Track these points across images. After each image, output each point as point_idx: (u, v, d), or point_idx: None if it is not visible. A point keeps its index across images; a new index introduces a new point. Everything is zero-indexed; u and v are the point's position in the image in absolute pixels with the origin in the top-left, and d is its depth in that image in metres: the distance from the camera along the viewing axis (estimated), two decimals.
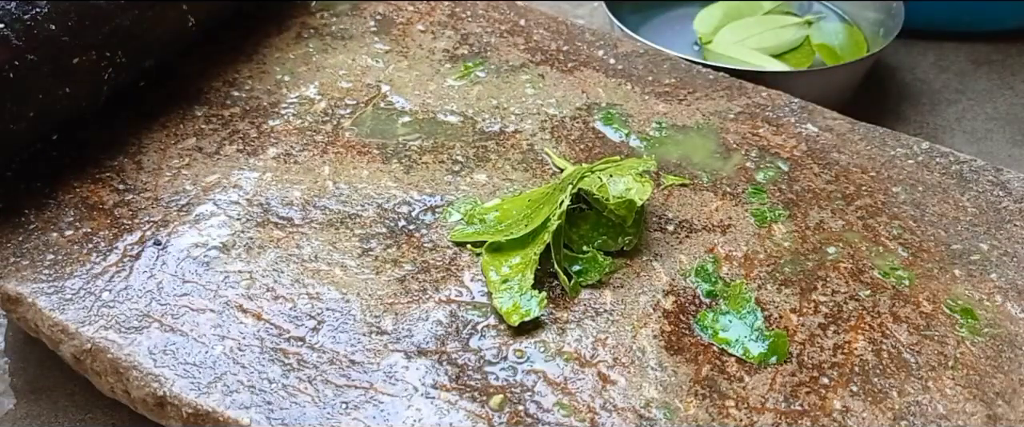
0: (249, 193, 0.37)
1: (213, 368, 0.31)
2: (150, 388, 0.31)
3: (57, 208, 0.36)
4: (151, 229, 0.36)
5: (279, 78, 0.43)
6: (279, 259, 0.35)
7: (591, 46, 0.46)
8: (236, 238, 0.35)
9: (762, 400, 0.31)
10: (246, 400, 0.30)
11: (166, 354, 0.31)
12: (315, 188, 0.38)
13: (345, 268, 0.34)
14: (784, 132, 0.41)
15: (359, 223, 0.36)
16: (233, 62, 0.44)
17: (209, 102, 0.42)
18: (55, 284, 0.34)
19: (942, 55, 0.60)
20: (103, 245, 0.35)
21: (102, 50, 0.38)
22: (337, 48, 0.45)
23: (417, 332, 0.32)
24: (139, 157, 0.39)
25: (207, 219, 0.36)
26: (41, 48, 0.35)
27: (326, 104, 0.42)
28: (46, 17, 0.36)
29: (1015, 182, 0.39)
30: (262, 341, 0.32)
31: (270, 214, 0.37)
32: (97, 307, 0.33)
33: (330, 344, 0.32)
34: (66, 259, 0.34)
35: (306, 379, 0.31)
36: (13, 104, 0.35)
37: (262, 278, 0.34)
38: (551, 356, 0.32)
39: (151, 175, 0.38)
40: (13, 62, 0.34)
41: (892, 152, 0.41)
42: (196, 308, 0.33)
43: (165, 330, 0.32)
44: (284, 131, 0.40)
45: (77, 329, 0.32)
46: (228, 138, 0.40)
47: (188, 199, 0.37)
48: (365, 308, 0.33)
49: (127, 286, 0.34)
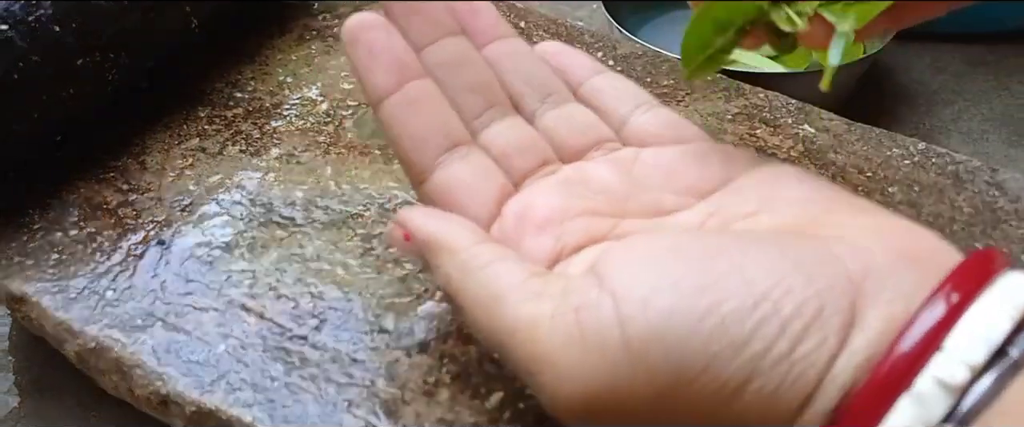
0: (252, 193, 0.38)
1: (216, 366, 0.31)
2: (153, 386, 0.31)
3: (61, 208, 0.37)
4: (155, 229, 0.36)
5: (281, 79, 0.44)
6: (281, 258, 0.35)
7: (590, 48, 0.47)
8: (239, 238, 0.36)
9: None
10: (249, 398, 0.30)
11: (169, 353, 0.32)
12: (317, 188, 0.38)
13: (347, 267, 0.35)
14: (781, 133, 0.42)
15: (361, 223, 0.37)
16: (236, 63, 0.44)
17: (212, 103, 0.42)
18: (59, 283, 0.34)
19: (938, 56, 0.60)
20: (107, 245, 0.35)
21: (106, 52, 0.38)
22: (339, 50, 0.46)
23: (418, 330, 0.33)
24: (143, 157, 0.39)
25: (210, 219, 0.36)
26: (45, 50, 0.36)
27: (328, 105, 0.42)
28: (50, 19, 0.36)
29: (1011, 182, 0.40)
30: (265, 340, 0.32)
31: (273, 214, 0.37)
32: (101, 306, 0.33)
33: (332, 342, 0.32)
34: (70, 258, 0.35)
35: (309, 377, 0.31)
36: (17, 105, 0.35)
37: (265, 277, 0.34)
38: None
39: (155, 175, 0.38)
40: (17, 64, 0.35)
41: (888, 153, 0.41)
42: (199, 307, 0.33)
43: (168, 329, 0.32)
44: (287, 132, 0.41)
45: (81, 328, 0.32)
46: (231, 139, 0.40)
47: (191, 199, 0.37)
48: (367, 307, 0.33)
49: (131, 285, 0.34)
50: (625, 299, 0.22)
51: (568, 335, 0.22)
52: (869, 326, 0.21)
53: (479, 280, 0.25)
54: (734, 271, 0.22)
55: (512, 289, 0.24)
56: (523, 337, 0.23)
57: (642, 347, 0.21)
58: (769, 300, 0.21)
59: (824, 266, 0.22)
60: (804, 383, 0.21)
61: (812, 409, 0.21)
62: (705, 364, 0.21)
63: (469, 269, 0.25)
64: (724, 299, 0.21)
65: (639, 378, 0.21)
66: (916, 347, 0.20)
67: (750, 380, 0.21)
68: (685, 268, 0.22)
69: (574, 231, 0.27)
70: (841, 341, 0.21)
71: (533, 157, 0.30)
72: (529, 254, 0.27)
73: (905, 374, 0.20)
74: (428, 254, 0.26)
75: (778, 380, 0.21)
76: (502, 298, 0.24)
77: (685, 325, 0.21)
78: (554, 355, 0.22)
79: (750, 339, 0.21)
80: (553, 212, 0.28)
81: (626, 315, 0.22)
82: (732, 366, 0.21)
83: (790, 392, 0.21)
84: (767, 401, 0.21)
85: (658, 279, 0.22)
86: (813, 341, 0.21)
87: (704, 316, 0.21)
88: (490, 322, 0.24)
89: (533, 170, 0.30)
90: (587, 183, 0.29)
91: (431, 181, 0.29)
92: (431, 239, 0.26)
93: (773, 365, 0.21)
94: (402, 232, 0.27)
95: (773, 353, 0.21)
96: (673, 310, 0.21)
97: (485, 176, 0.29)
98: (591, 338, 0.22)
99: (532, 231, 0.27)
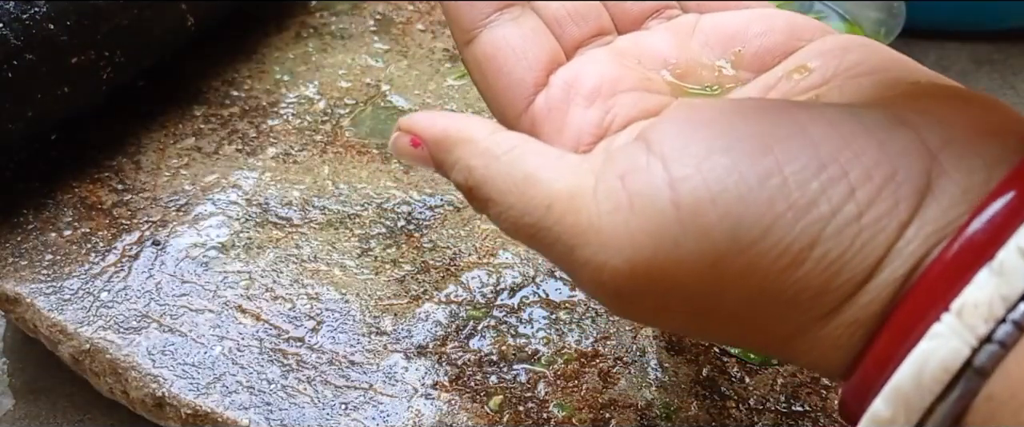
0: (248, 193, 0.37)
1: (212, 368, 0.31)
2: (149, 389, 0.31)
3: (55, 208, 0.36)
4: (150, 229, 0.36)
5: (278, 78, 0.43)
6: (278, 259, 0.35)
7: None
8: (235, 238, 0.35)
9: (763, 401, 0.31)
10: (245, 401, 0.30)
11: (165, 354, 0.31)
12: (314, 188, 0.38)
13: (344, 268, 0.34)
14: None
15: (358, 223, 0.36)
16: (232, 62, 0.44)
17: (208, 102, 0.42)
18: (54, 284, 0.33)
19: (944, 54, 0.59)
20: (102, 245, 0.35)
21: (101, 50, 0.37)
22: (336, 47, 0.45)
23: (417, 332, 0.32)
24: (138, 157, 0.39)
25: (206, 219, 0.36)
26: (40, 48, 0.35)
27: (325, 104, 0.42)
28: (45, 17, 0.36)
29: None
30: (261, 342, 0.32)
31: (269, 214, 0.36)
32: (96, 307, 0.33)
33: (329, 345, 0.32)
34: (65, 259, 0.34)
35: (305, 380, 0.31)
36: (11, 104, 0.35)
37: (261, 278, 0.34)
38: (551, 357, 0.32)
39: (150, 175, 0.38)
40: (12, 62, 0.34)
41: None
42: (195, 308, 0.33)
43: (164, 330, 0.32)
44: (283, 131, 0.40)
45: (75, 329, 0.32)
46: (227, 138, 0.40)
47: (187, 199, 0.37)
48: (364, 308, 0.33)
49: (126, 286, 0.33)
50: (677, 160, 0.20)
51: (614, 202, 0.20)
52: (945, 194, 0.19)
53: (507, 163, 0.22)
54: (798, 133, 0.20)
55: (545, 167, 0.22)
56: (562, 209, 0.21)
57: (697, 208, 0.19)
58: (837, 162, 0.19)
59: (898, 132, 0.20)
60: (871, 250, 0.19)
61: (877, 280, 0.19)
62: (766, 226, 0.19)
63: (493, 155, 0.22)
64: (788, 160, 0.19)
65: (692, 244, 0.20)
66: (997, 217, 0.19)
67: (814, 245, 0.19)
68: (744, 129, 0.20)
69: (624, 105, 0.25)
70: (913, 208, 0.19)
71: (588, 24, 0.28)
72: (574, 126, 0.25)
73: (986, 246, 0.18)
74: (443, 152, 0.23)
75: (844, 246, 0.19)
76: (535, 176, 0.22)
77: (744, 185, 0.19)
78: (598, 223, 0.20)
79: (816, 201, 0.19)
80: (603, 82, 0.26)
81: (678, 176, 0.20)
82: (796, 229, 0.19)
83: (855, 259, 0.19)
84: (830, 269, 0.19)
85: (714, 140, 0.20)
86: (884, 206, 0.19)
87: (765, 177, 0.19)
88: (523, 203, 0.22)
89: (587, 39, 0.28)
90: (642, 54, 0.27)
91: (478, 41, 0.27)
92: (445, 134, 0.23)
93: (840, 230, 0.19)
94: (409, 138, 0.24)
95: (840, 217, 0.19)
96: (731, 169, 0.19)
97: (535, 40, 0.27)
98: (639, 202, 0.20)
99: (579, 102, 0.26)
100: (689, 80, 0.27)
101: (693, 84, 0.27)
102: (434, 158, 0.24)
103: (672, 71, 0.27)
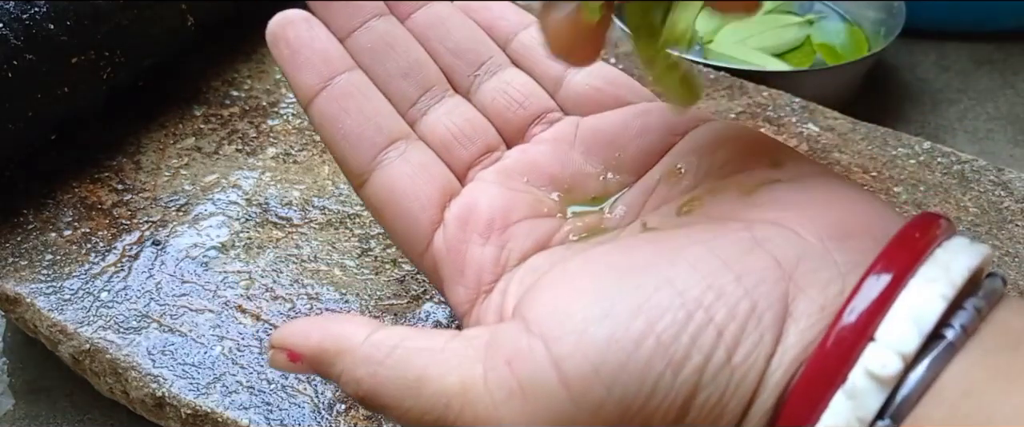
0: (248, 193, 0.37)
1: (212, 368, 0.31)
2: (149, 389, 0.31)
3: (55, 208, 0.36)
4: (150, 229, 0.36)
5: (278, 78, 0.43)
6: (278, 259, 0.35)
7: None
8: (235, 238, 0.35)
9: None
10: (245, 401, 0.30)
11: (165, 354, 0.31)
12: (314, 188, 0.38)
13: (344, 268, 0.34)
14: (785, 132, 0.41)
15: (358, 223, 0.36)
16: (232, 62, 0.44)
17: (208, 102, 0.42)
18: (54, 284, 0.33)
19: (944, 55, 0.59)
20: (102, 245, 0.35)
21: (101, 50, 0.38)
22: None
23: None
24: (138, 157, 0.39)
25: (206, 219, 0.36)
26: (40, 48, 0.35)
27: None
28: (45, 16, 0.36)
29: (1017, 182, 0.39)
30: (261, 342, 0.32)
31: (269, 214, 0.36)
32: (96, 307, 0.33)
33: None
34: (65, 259, 0.34)
35: (305, 380, 0.31)
36: (11, 104, 0.35)
37: (261, 278, 0.34)
38: None
39: (150, 175, 0.38)
40: (12, 61, 0.34)
41: (893, 152, 0.41)
42: (195, 308, 0.33)
43: (164, 330, 0.32)
44: (283, 131, 0.40)
45: (76, 329, 0.32)
46: (227, 138, 0.40)
47: (187, 199, 0.37)
48: (364, 308, 0.33)
49: (126, 286, 0.33)
50: (556, 339, 0.21)
51: (506, 390, 0.21)
52: (803, 316, 0.20)
53: (393, 367, 0.22)
54: (664, 284, 0.21)
55: (433, 364, 0.22)
56: (459, 404, 0.22)
57: (584, 384, 0.20)
58: (701, 308, 0.20)
59: (754, 258, 0.21)
60: (746, 386, 0.20)
61: (752, 411, 0.20)
62: (651, 387, 0.20)
63: (377, 361, 0.22)
64: (658, 317, 0.20)
65: (587, 416, 0.20)
66: (848, 337, 0.19)
67: (695, 394, 0.20)
68: (615, 291, 0.21)
69: (518, 237, 0.27)
70: (776, 336, 0.20)
71: (475, 144, 0.29)
72: (474, 266, 0.26)
73: (838, 368, 0.19)
74: (325, 366, 0.23)
75: (722, 388, 0.20)
76: (425, 375, 0.22)
77: (623, 352, 0.20)
78: (498, 413, 0.21)
79: (689, 353, 0.20)
80: (495, 214, 0.27)
81: (560, 355, 0.21)
82: (676, 384, 0.20)
83: (734, 399, 0.20)
84: (714, 412, 0.20)
85: (587, 310, 0.21)
86: (750, 342, 0.20)
87: (640, 340, 0.20)
88: (421, 404, 0.22)
89: (476, 159, 0.29)
90: (530, 172, 0.28)
91: (370, 184, 0.28)
92: (321, 348, 0.23)
93: (714, 375, 0.20)
94: (285, 353, 0.23)
95: (713, 363, 0.20)
96: (609, 339, 0.20)
97: (425, 175, 0.28)
98: (530, 388, 0.21)
99: (476, 240, 0.27)
100: (576, 194, 0.28)
101: (580, 198, 0.28)
102: (316, 371, 0.24)
103: (559, 189, 0.28)
